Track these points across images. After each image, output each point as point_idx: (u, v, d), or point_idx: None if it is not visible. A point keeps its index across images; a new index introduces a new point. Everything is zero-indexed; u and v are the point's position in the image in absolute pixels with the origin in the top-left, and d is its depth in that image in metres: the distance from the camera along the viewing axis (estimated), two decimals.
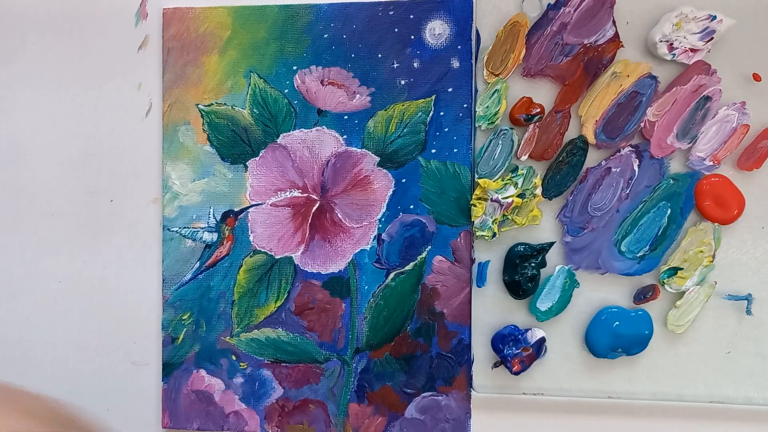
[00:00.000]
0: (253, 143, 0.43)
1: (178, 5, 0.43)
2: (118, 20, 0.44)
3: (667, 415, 0.41)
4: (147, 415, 0.44)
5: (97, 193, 0.44)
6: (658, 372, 0.41)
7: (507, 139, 0.41)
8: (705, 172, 0.40)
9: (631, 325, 0.40)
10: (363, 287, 0.42)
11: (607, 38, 0.40)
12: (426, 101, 0.42)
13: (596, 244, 0.41)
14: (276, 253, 0.42)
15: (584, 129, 0.41)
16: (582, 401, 0.41)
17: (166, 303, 0.43)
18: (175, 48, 0.43)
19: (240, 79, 0.43)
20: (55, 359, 0.44)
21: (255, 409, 0.43)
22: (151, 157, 0.44)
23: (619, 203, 0.41)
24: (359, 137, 0.42)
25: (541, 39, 0.41)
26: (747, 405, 0.40)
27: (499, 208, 0.40)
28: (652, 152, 0.40)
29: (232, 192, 0.43)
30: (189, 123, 0.43)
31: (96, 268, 0.44)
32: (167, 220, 0.43)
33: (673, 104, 0.40)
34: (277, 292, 0.42)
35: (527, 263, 0.41)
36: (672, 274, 0.40)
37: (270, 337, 0.43)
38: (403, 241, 0.42)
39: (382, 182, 0.42)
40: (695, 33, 0.39)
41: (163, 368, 0.43)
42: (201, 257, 0.43)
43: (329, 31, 0.42)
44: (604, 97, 0.40)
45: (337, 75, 0.42)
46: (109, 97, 0.44)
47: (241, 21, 0.43)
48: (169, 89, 0.43)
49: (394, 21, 0.42)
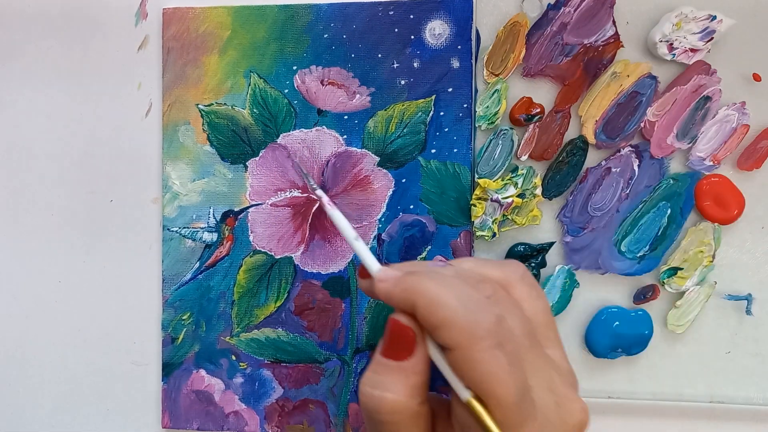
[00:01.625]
0: (253, 143, 0.43)
1: (178, 5, 0.43)
2: (117, 20, 0.44)
3: (667, 415, 0.41)
4: (147, 415, 0.44)
5: (97, 193, 0.44)
6: (658, 372, 0.41)
7: (507, 139, 0.41)
8: (705, 172, 0.40)
9: (631, 325, 0.40)
10: None
11: (607, 38, 0.40)
12: (426, 101, 0.42)
13: (596, 244, 0.41)
14: (276, 253, 0.42)
15: (584, 129, 0.41)
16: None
17: (165, 303, 0.43)
18: (175, 48, 0.43)
19: (240, 79, 0.43)
20: (55, 359, 0.44)
21: (255, 409, 0.43)
22: (151, 157, 0.44)
23: (619, 203, 0.41)
24: (359, 137, 0.42)
25: (541, 39, 0.41)
26: (747, 405, 0.40)
27: (499, 208, 0.40)
28: (652, 152, 0.40)
29: (232, 192, 0.43)
30: (189, 123, 0.43)
31: (96, 268, 0.44)
32: (167, 220, 0.43)
33: (673, 104, 0.40)
34: (277, 292, 0.42)
35: (527, 263, 0.41)
36: (672, 274, 0.40)
37: (270, 337, 0.43)
38: (403, 241, 0.42)
39: (382, 182, 0.42)
40: (695, 33, 0.39)
41: (163, 368, 0.43)
42: (201, 257, 0.43)
43: (329, 31, 0.42)
44: (604, 97, 0.40)
45: (337, 75, 0.42)
46: (108, 97, 0.44)
47: (241, 21, 0.43)
48: (168, 89, 0.43)
49: (394, 21, 0.42)
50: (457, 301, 0.28)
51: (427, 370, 0.30)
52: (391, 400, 0.29)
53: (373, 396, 0.29)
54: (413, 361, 0.29)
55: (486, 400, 0.28)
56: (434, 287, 0.29)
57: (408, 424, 0.29)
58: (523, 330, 0.29)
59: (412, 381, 0.29)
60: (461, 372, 0.28)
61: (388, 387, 0.29)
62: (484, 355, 0.27)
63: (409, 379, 0.29)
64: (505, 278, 0.32)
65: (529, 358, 0.29)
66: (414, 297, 0.29)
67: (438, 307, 0.28)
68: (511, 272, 0.32)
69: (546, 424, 0.28)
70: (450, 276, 0.30)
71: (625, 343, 0.40)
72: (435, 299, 0.28)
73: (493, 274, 0.32)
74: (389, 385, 0.29)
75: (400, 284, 0.30)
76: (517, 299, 0.31)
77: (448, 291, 0.28)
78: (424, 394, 0.30)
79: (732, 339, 0.41)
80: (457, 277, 0.30)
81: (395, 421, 0.29)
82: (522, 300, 0.31)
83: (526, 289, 0.31)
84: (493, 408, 0.27)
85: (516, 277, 0.32)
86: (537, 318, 0.31)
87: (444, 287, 0.29)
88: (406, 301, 0.29)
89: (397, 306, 0.30)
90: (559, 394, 0.29)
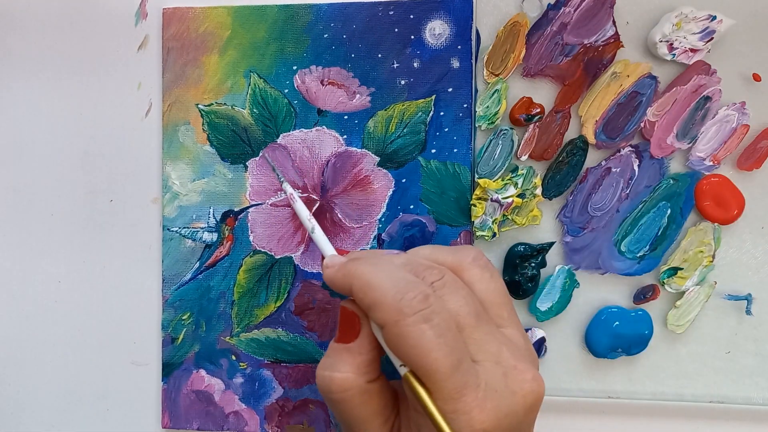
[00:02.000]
0: (253, 143, 0.43)
1: (177, 5, 0.43)
2: (117, 20, 0.44)
3: (667, 415, 0.41)
4: (147, 415, 0.44)
5: (96, 193, 0.44)
6: (658, 372, 0.41)
7: (507, 139, 0.41)
8: (705, 172, 0.40)
9: (631, 325, 0.40)
10: None
11: (607, 38, 0.40)
12: (426, 101, 0.42)
13: (596, 244, 0.41)
14: (276, 253, 0.42)
15: (584, 129, 0.41)
16: (582, 401, 0.41)
17: (165, 303, 0.43)
18: (175, 48, 0.43)
19: (240, 79, 0.43)
20: (55, 359, 0.44)
21: (255, 409, 0.43)
22: (151, 157, 0.44)
23: (619, 203, 0.41)
24: (359, 137, 0.42)
25: (541, 39, 0.41)
26: (747, 405, 0.40)
27: (499, 208, 0.40)
28: (652, 152, 0.40)
29: (232, 192, 0.43)
30: (189, 123, 0.43)
31: (96, 268, 0.44)
32: (167, 220, 0.43)
33: (673, 104, 0.40)
34: (277, 292, 0.42)
35: (527, 263, 0.41)
36: (672, 274, 0.40)
37: (270, 337, 0.43)
38: (403, 241, 0.42)
39: (382, 182, 0.42)
40: (695, 33, 0.39)
41: (163, 368, 0.43)
42: (201, 257, 0.43)
43: (329, 31, 0.42)
44: (604, 97, 0.40)
45: (337, 75, 0.42)
46: (108, 97, 0.44)
47: (241, 21, 0.43)
48: (168, 89, 0.43)
49: (394, 21, 0.42)
50: (386, 282, 0.30)
51: (372, 349, 0.32)
52: (339, 378, 0.32)
53: (324, 376, 0.32)
54: (358, 342, 0.32)
55: (419, 373, 0.29)
56: (367, 271, 0.31)
57: (357, 400, 0.32)
58: (468, 309, 0.31)
59: (358, 360, 0.32)
60: (394, 348, 0.30)
61: (337, 367, 0.32)
62: (410, 329, 0.29)
63: (355, 358, 0.32)
64: (457, 262, 0.33)
65: (474, 335, 0.30)
66: (350, 280, 0.31)
67: (369, 288, 0.30)
68: (464, 256, 0.34)
69: (490, 392, 0.29)
70: (390, 262, 0.32)
71: (625, 343, 0.40)
72: (366, 282, 0.31)
73: (445, 260, 0.33)
74: (338, 365, 0.32)
75: (341, 270, 0.33)
76: (468, 281, 0.33)
77: (379, 274, 0.31)
78: (373, 372, 0.32)
79: (732, 339, 0.41)
80: (402, 263, 0.32)
81: (346, 399, 0.32)
82: (473, 282, 0.33)
83: (477, 271, 0.33)
84: (426, 380, 0.29)
85: (468, 260, 0.33)
86: (489, 298, 0.33)
87: (376, 271, 0.31)
88: (345, 285, 0.32)
89: (338, 290, 0.33)
90: (508, 365, 0.30)
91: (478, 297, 0.32)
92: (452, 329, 0.30)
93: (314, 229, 0.37)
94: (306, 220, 0.38)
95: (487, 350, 0.30)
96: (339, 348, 0.32)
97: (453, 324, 0.30)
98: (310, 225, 0.38)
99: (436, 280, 0.31)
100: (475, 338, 0.30)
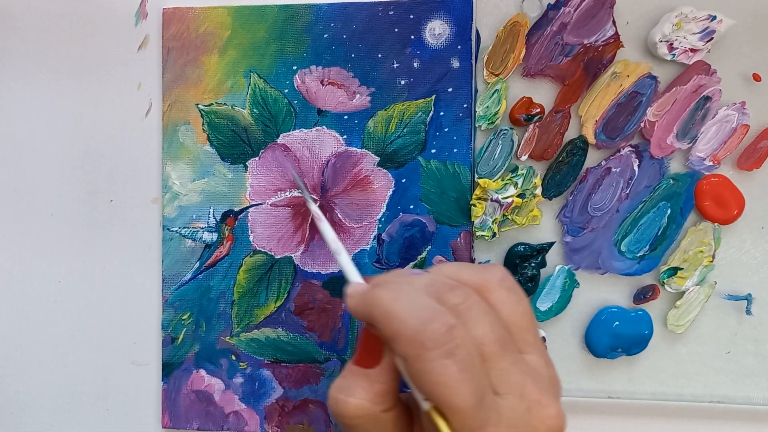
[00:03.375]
0: (253, 143, 0.43)
1: (178, 5, 0.43)
2: (117, 20, 0.44)
3: (667, 415, 0.41)
4: (147, 415, 0.44)
5: (96, 193, 0.44)
6: (658, 372, 0.41)
7: (507, 139, 0.41)
8: (705, 172, 0.40)
9: (631, 325, 0.40)
10: None
11: (607, 38, 0.40)
12: (426, 101, 0.42)
13: (596, 244, 0.41)
14: (276, 253, 0.42)
15: (584, 129, 0.41)
16: (582, 401, 0.41)
17: (165, 303, 0.43)
18: (175, 48, 0.43)
19: (240, 79, 0.43)
20: (55, 359, 0.44)
21: (255, 409, 0.43)
22: (151, 157, 0.44)
23: (619, 203, 0.41)
24: (359, 137, 0.42)
25: (541, 39, 0.41)
26: (747, 405, 0.40)
27: (499, 208, 0.40)
28: (652, 152, 0.40)
29: (232, 192, 0.43)
30: (189, 123, 0.43)
31: (96, 268, 0.44)
32: (167, 220, 0.43)
33: (673, 104, 0.40)
34: (277, 292, 0.42)
35: (527, 263, 0.41)
36: (672, 274, 0.40)
37: (270, 337, 0.43)
38: (403, 241, 0.42)
39: (382, 182, 0.42)
40: (695, 33, 0.39)
41: (163, 368, 0.43)
42: (201, 257, 0.43)
43: (329, 31, 0.42)
44: (604, 97, 0.40)
45: (337, 75, 0.42)
46: (108, 97, 0.44)
47: (241, 21, 0.43)
48: (168, 89, 0.43)
49: (394, 21, 0.42)
50: (407, 313, 0.28)
51: (392, 379, 0.30)
52: (354, 404, 0.30)
53: (338, 400, 0.30)
54: (379, 369, 0.30)
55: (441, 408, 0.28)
56: (387, 300, 0.29)
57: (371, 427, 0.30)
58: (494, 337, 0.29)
59: (376, 388, 0.30)
60: (416, 382, 0.29)
61: (353, 392, 0.30)
62: (433, 365, 0.28)
63: (373, 386, 0.30)
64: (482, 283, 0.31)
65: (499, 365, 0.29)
66: (372, 310, 0.30)
67: (390, 319, 0.29)
68: (490, 277, 0.32)
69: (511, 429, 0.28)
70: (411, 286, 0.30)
71: (625, 343, 0.40)
72: (387, 312, 0.29)
73: (470, 280, 0.32)
74: (354, 390, 0.30)
75: (362, 299, 0.31)
76: (494, 304, 0.31)
77: (400, 303, 0.29)
78: (390, 401, 0.31)
79: (732, 339, 0.41)
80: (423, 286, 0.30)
81: (359, 425, 0.30)
82: (499, 305, 0.31)
83: (504, 294, 0.31)
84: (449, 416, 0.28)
85: (494, 281, 0.31)
86: (515, 322, 0.31)
87: (397, 300, 0.29)
88: (367, 315, 0.30)
89: (362, 320, 0.31)
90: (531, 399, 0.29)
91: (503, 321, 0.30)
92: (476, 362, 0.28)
93: (340, 253, 0.36)
94: (332, 242, 0.36)
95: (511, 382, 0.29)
96: (357, 372, 0.30)
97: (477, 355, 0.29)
98: (335, 247, 0.36)
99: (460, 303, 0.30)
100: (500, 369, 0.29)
